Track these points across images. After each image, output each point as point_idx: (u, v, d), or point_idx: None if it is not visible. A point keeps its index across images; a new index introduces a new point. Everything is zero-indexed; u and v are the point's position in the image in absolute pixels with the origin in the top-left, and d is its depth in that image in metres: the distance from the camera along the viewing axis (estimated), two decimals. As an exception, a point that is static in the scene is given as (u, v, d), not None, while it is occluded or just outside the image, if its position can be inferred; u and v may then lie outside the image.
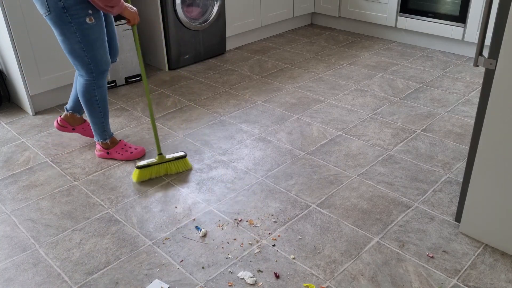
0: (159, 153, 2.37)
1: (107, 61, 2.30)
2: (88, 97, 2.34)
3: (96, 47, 2.20)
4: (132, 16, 2.22)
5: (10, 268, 1.85)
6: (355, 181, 2.32)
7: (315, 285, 1.73)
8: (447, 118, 2.89)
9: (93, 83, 2.30)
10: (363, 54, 3.96)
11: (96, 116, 2.41)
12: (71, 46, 2.17)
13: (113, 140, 2.54)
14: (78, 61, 2.22)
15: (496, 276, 1.75)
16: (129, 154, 2.53)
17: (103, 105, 2.39)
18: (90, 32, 2.15)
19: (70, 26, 2.11)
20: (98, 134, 2.49)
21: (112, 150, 2.53)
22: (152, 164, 2.34)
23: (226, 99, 3.21)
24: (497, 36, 1.59)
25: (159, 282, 1.75)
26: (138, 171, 2.32)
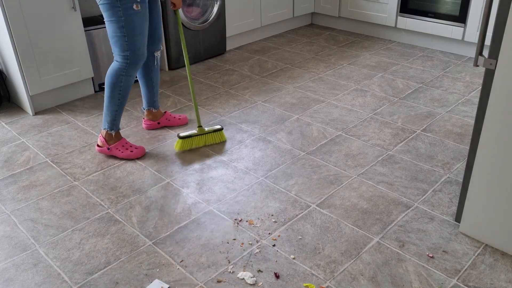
0: (199, 125, 2.61)
1: (143, 54, 2.41)
2: (114, 81, 2.41)
3: (136, 33, 2.32)
4: (177, 0, 2.49)
5: (10, 268, 1.85)
6: (355, 181, 2.32)
7: (315, 285, 1.73)
8: (447, 118, 2.89)
9: (124, 69, 2.39)
10: (363, 54, 3.96)
11: (113, 103, 2.46)
12: (115, 30, 2.31)
13: (117, 135, 2.56)
14: (117, 46, 2.35)
15: (496, 276, 1.75)
16: (129, 152, 2.54)
17: (124, 95, 2.46)
18: (134, 19, 2.29)
19: (118, 10, 2.26)
20: (106, 122, 2.51)
21: (113, 146, 2.54)
22: (193, 135, 2.58)
23: (226, 99, 3.21)
24: (497, 36, 1.59)
25: (159, 282, 1.75)
26: (181, 141, 2.55)
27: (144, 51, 2.41)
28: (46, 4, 2.87)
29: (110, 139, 2.55)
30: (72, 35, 3.05)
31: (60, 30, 2.99)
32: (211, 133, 2.63)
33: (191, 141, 2.59)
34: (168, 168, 2.46)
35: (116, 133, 2.55)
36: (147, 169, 2.46)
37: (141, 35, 2.35)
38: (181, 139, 2.55)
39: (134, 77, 2.45)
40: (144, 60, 2.43)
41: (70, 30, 3.03)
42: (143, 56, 2.41)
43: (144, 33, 2.37)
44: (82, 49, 3.13)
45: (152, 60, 2.64)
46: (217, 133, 2.65)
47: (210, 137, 2.64)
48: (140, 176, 2.40)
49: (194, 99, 2.64)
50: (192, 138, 2.59)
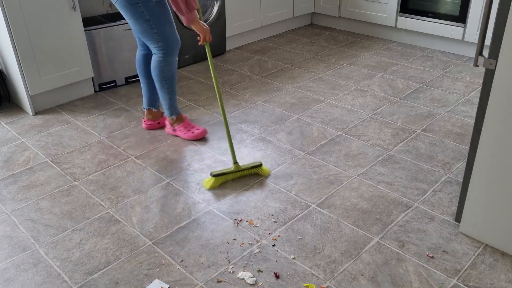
0: (234, 161, 2.33)
1: (176, 39, 2.46)
2: (157, 73, 2.52)
3: (163, 22, 2.37)
4: (202, 33, 2.38)
5: (10, 268, 1.85)
6: (355, 181, 2.32)
7: (315, 285, 1.73)
8: (447, 118, 2.89)
9: (163, 60, 2.47)
10: (363, 54, 3.96)
11: (164, 92, 2.59)
12: (141, 25, 2.36)
13: (179, 118, 2.70)
14: (149, 39, 2.41)
15: (496, 276, 1.75)
16: (190, 134, 2.68)
17: (171, 83, 2.56)
18: (156, 10, 2.33)
19: (138, 6, 2.30)
20: (166, 109, 2.67)
21: (177, 127, 2.70)
22: (227, 172, 2.29)
23: (226, 99, 3.21)
24: (497, 36, 1.59)
25: (159, 282, 1.75)
26: (213, 179, 2.26)
27: (176, 36, 2.46)
28: (46, 4, 2.88)
29: (174, 122, 2.71)
30: (72, 35, 3.05)
31: (60, 30, 2.99)
32: (248, 169, 2.32)
33: (224, 179, 2.31)
34: (168, 168, 2.46)
35: (177, 116, 2.69)
36: (147, 169, 2.46)
37: (168, 23, 2.39)
38: (214, 177, 2.27)
39: (175, 63, 2.53)
40: (178, 46, 2.49)
41: (70, 30, 3.03)
42: (177, 41, 2.48)
43: (170, 19, 2.41)
44: (82, 49, 3.13)
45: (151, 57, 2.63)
46: (256, 170, 2.34)
47: (247, 174, 2.35)
48: (140, 176, 2.40)
49: (227, 129, 2.37)
50: (227, 176, 2.30)
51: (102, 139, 2.76)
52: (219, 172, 2.28)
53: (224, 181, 2.30)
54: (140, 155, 2.59)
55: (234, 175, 2.31)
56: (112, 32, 3.28)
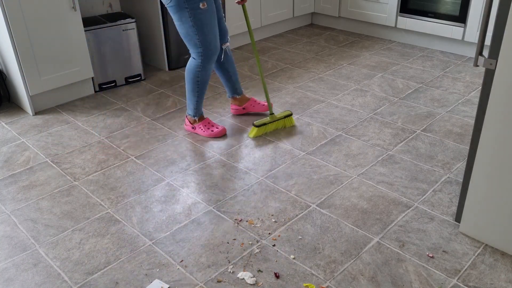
0: (271, 113, 2.77)
1: (216, 47, 2.53)
2: (192, 76, 2.60)
3: (206, 31, 2.45)
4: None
5: (10, 268, 1.85)
6: (355, 181, 2.32)
7: (315, 285, 1.73)
8: (447, 118, 2.89)
9: (200, 65, 2.55)
10: (363, 54, 3.96)
11: (193, 94, 2.67)
12: (186, 30, 2.45)
13: (201, 119, 2.77)
14: (191, 44, 2.50)
15: (496, 276, 1.75)
16: (210, 132, 2.74)
17: (202, 88, 2.64)
18: (202, 17, 2.41)
19: (186, 11, 2.39)
20: (189, 108, 2.75)
21: (197, 125, 2.76)
22: (266, 122, 2.73)
23: (226, 99, 3.21)
24: (497, 36, 1.59)
25: (159, 282, 1.75)
26: (256, 128, 2.70)
27: (217, 45, 2.53)
28: (46, 4, 2.88)
29: (194, 122, 2.77)
30: (72, 35, 3.05)
31: (60, 30, 2.99)
32: (281, 119, 2.78)
33: (264, 128, 2.74)
34: (168, 168, 2.46)
35: (199, 117, 2.76)
36: (147, 169, 2.46)
37: (211, 32, 2.47)
38: (257, 127, 2.70)
39: (211, 70, 2.61)
40: (217, 54, 2.57)
41: (70, 30, 3.03)
42: (216, 50, 2.54)
43: (214, 29, 2.49)
44: (82, 49, 3.13)
45: (220, 53, 2.72)
46: (287, 119, 2.81)
47: (281, 123, 2.79)
48: (140, 176, 2.40)
49: (265, 89, 2.77)
50: (266, 126, 2.73)
51: (102, 139, 2.76)
52: (260, 122, 2.71)
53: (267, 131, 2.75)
54: (140, 155, 2.59)
55: (271, 124, 2.75)
56: (112, 32, 3.28)
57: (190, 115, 2.76)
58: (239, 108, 2.96)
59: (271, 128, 2.77)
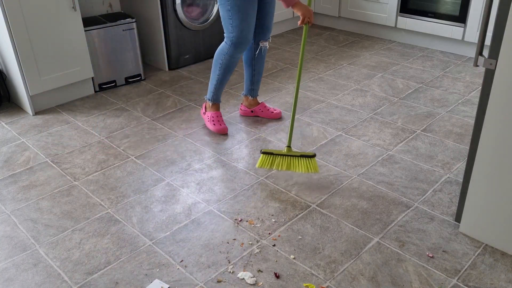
0: (288, 145, 2.28)
1: (246, 38, 2.48)
2: (217, 58, 2.61)
3: (240, 18, 2.40)
4: (303, 14, 2.30)
5: (10, 268, 1.85)
6: (355, 181, 2.32)
7: (315, 285, 1.73)
8: (447, 118, 2.89)
9: (227, 50, 2.53)
10: (363, 54, 3.96)
11: (214, 78, 2.67)
12: (222, 12, 2.45)
13: (215, 107, 2.78)
14: (225, 27, 2.48)
15: (496, 276, 1.75)
16: (211, 125, 2.76)
17: (223, 73, 2.62)
18: (239, 4, 2.37)
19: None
20: (208, 91, 2.75)
21: (207, 113, 2.80)
22: (277, 153, 2.24)
23: (226, 99, 3.21)
24: (497, 36, 1.59)
25: (159, 282, 1.75)
26: (263, 156, 2.25)
27: (249, 36, 2.48)
28: (46, 4, 2.88)
29: (208, 107, 2.79)
30: (72, 35, 3.05)
31: (60, 30, 2.99)
32: (298, 157, 2.22)
33: (273, 160, 2.24)
34: (168, 168, 2.46)
35: (214, 104, 2.77)
36: (147, 169, 2.46)
37: (245, 21, 2.41)
38: (263, 154, 2.24)
39: (236, 59, 2.57)
40: (247, 46, 2.52)
41: (70, 30, 3.03)
42: (247, 41, 2.49)
43: (249, 19, 2.43)
44: (82, 49, 3.13)
45: (256, 48, 2.70)
46: (307, 160, 2.21)
47: (297, 162, 2.22)
48: (140, 176, 2.40)
49: (293, 111, 2.30)
50: (275, 157, 2.24)
51: (102, 139, 2.76)
52: (268, 150, 2.26)
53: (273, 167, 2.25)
54: (140, 155, 2.59)
55: (282, 159, 2.23)
56: (112, 32, 3.28)
57: (206, 98, 2.77)
58: (247, 110, 2.94)
59: (281, 165, 2.24)
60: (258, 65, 2.78)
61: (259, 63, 2.77)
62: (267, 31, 2.65)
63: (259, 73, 2.81)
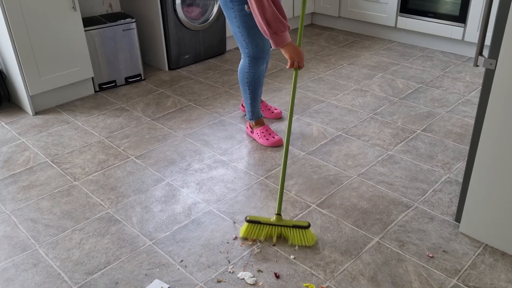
0: (277, 212, 1.93)
1: (263, 51, 2.43)
2: (241, 77, 2.54)
3: (252, 33, 2.33)
4: (291, 57, 2.05)
5: (10, 268, 1.85)
6: (355, 181, 2.32)
7: (315, 285, 1.73)
8: (447, 118, 2.89)
9: (248, 66, 2.47)
10: (363, 54, 3.96)
11: (246, 97, 2.61)
12: (233, 29, 2.38)
13: (258, 122, 2.69)
14: (238, 44, 2.43)
15: (496, 276, 1.75)
16: (266, 140, 2.64)
17: (253, 89, 2.55)
18: (247, 19, 2.29)
19: (232, 11, 2.30)
20: (247, 112, 2.68)
21: (255, 130, 2.69)
22: (264, 222, 1.91)
23: (226, 99, 3.21)
24: (497, 36, 1.59)
25: (159, 282, 1.75)
26: (246, 225, 1.93)
27: (265, 48, 2.43)
28: (46, 4, 2.88)
29: (253, 126, 2.70)
30: (72, 35, 3.05)
31: (60, 30, 2.99)
32: (290, 228, 1.90)
33: (259, 230, 1.92)
34: (168, 168, 2.46)
35: (257, 121, 2.68)
36: (147, 169, 2.46)
37: (258, 35, 2.35)
38: (248, 223, 1.92)
39: (261, 72, 2.51)
40: (266, 57, 2.46)
41: (70, 30, 3.03)
42: (264, 53, 2.44)
43: (262, 33, 2.28)
44: (82, 49, 3.13)
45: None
46: (300, 232, 1.89)
47: (288, 233, 1.91)
48: (140, 176, 2.40)
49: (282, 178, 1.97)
50: (263, 227, 1.92)
51: (102, 139, 2.76)
52: (255, 218, 1.92)
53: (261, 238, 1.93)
54: (140, 155, 2.59)
55: (270, 229, 1.92)
56: (112, 32, 3.28)
57: (248, 119, 2.69)
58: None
59: (269, 235, 1.94)
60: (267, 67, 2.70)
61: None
62: None
63: None
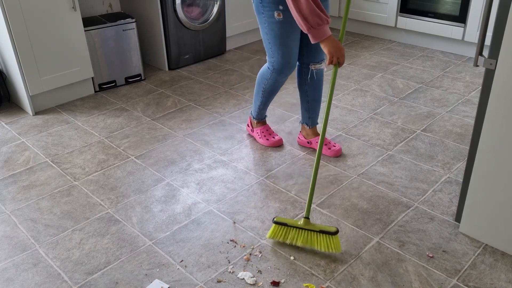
0: (306, 215, 1.89)
1: (288, 63, 2.26)
2: (259, 80, 2.45)
3: (279, 43, 2.21)
4: (330, 52, 1.94)
5: (10, 268, 1.85)
6: (355, 181, 2.32)
7: (315, 285, 1.73)
8: (447, 118, 2.89)
9: (269, 74, 2.36)
10: (363, 54, 3.96)
11: (257, 97, 2.54)
12: (262, 34, 2.28)
13: (260, 123, 2.66)
14: (266, 50, 2.31)
15: (496, 276, 1.75)
16: (265, 140, 2.62)
17: (267, 96, 2.49)
18: (276, 27, 2.17)
19: (262, 16, 2.20)
20: (253, 109, 2.64)
21: (255, 129, 2.67)
22: (291, 225, 1.89)
23: (226, 99, 3.21)
24: (497, 36, 1.59)
25: (159, 282, 1.75)
26: (273, 226, 1.91)
27: (291, 61, 2.26)
28: (46, 4, 2.88)
29: (255, 124, 2.67)
30: (72, 35, 3.05)
31: (60, 30, 2.99)
32: (317, 232, 1.86)
33: (286, 232, 1.90)
34: (168, 168, 2.46)
35: (259, 121, 2.66)
36: (147, 169, 2.46)
37: (284, 45, 2.20)
38: (275, 224, 1.90)
39: (280, 83, 2.39)
40: (290, 71, 2.30)
41: (70, 30, 3.03)
42: (288, 65, 2.27)
43: (289, 43, 2.19)
44: (82, 49, 3.13)
45: (306, 72, 2.39)
46: (327, 238, 1.84)
47: (315, 238, 1.86)
48: (140, 176, 2.40)
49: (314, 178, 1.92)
50: (290, 229, 1.89)
51: (102, 139, 2.76)
52: (282, 220, 1.90)
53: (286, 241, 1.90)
54: (140, 155, 2.59)
55: (298, 232, 1.88)
56: (112, 32, 3.28)
57: (252, 116, 2.66)
58: (304, 140, 2.60)
59: (295, 240, 1.89)
60: (312, 91, 2.44)
61: (313, 88, 2.44)
62: (317, 52, 2.33)
63: (314, 100, 2.47)
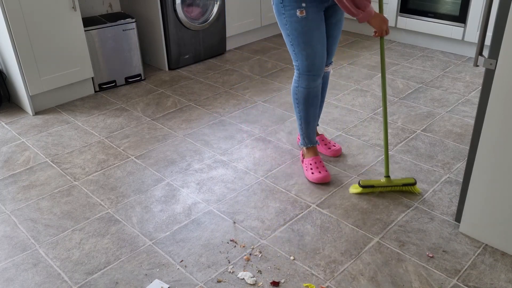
0: (386, 175, 2.19)
1: (315, 65, 2.14)
2: (292, 94, 2.28)
3: (302, 42, 2.08)
4: (379, 26, 2.04)
5: (10, 268, 1.85)
6: (355, 181, 2.32)
7: (315, 285, 1.73)
8: (447, 118, 2.89)
9: (298, 80, 2.21)
10: (363, 54, 3.96)
11: (297, 116, 2.31)
12: (285, 38, 2.14)
13: (311, 151, 2.37)
14: (291, 55, 2.17)
15: (496, 276, 1.75)
16: (310, 174, 2.31)
17: (303, 108, 2.25)
18: (298, 26, 2.04)
19: (283, 17, 2.07)
20: (300, 135, 2.39)
21: (305, 160, 2.38)
22: (377, 186, 2.18)
23: (226, 99, 3.21)
24: (497, 36, 1.59)
25: (159, 282, 1.75)
26: (360, 189, 2.19)
27: (317, 62, 2.13)
28: (46, 4, 2.88)
29: (305, 154, 2.39)
30: (72, 35, 3.05)
31: (60, 30, 2.99)
32: (400, 187, 2.20)
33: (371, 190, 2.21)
34: (168, 168, 2.46)
35: (309, 148, 2.37)
36: (147, 169, 2.46)
37: (308, 44, 2.08)
38: (362, 188, 2.19)
39: (313, 89, 2.20)
40: (319, 73, 2.17)
41: (70, 30, 3.03)
42: (316, 68, 2.14)
43: (314, 43, 2.08)
44: (82, 49, 3.13)
45: None
46: (409, 188, 2.20)
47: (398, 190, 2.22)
48: (140, 176, 2.40)
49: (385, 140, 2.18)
50: (375, 189, 2.20)
51: (102, 139, 2.76)
52: (368, 183, 2.18)
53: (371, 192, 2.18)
54: (140, 155, 2.59)
55: (383, 189, 2.20)
56: (112, 32, 3.28)
57: (300, 145, 2.41)
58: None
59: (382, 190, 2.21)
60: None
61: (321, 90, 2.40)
62: (330, 55, 2.28)
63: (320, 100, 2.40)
